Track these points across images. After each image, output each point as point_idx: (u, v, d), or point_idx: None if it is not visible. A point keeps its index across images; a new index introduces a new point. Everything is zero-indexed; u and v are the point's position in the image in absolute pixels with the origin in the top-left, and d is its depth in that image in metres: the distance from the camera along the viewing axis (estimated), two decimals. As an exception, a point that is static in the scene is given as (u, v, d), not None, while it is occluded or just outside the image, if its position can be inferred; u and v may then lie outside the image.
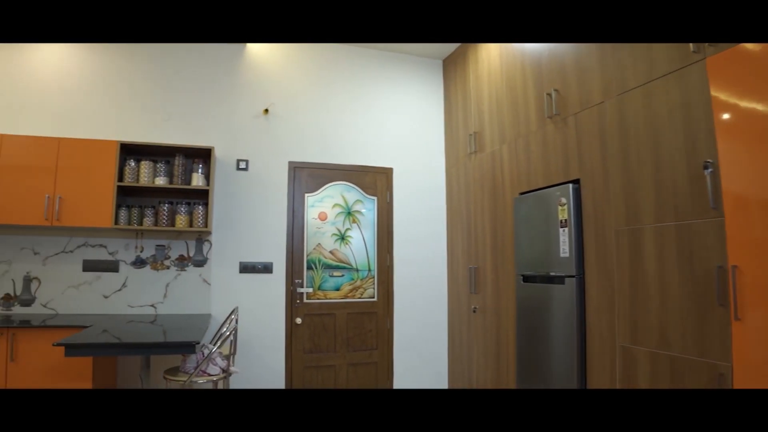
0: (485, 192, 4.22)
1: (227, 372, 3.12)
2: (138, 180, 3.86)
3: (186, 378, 2.94)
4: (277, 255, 4.41)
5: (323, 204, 4.63)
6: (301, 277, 4.47)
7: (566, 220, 3.08)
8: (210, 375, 3.02)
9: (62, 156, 3.63)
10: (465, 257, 4.55)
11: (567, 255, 3.07)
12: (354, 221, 4.71)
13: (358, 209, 4.73)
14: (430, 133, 5.06)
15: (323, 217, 4.61)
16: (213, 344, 3.06)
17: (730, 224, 2.08)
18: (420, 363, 4.75)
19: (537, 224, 3.39)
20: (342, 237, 4.65)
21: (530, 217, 3.49)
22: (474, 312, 4.32)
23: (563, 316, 3.09)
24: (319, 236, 4.58)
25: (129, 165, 3.86)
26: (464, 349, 4.52)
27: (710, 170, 2.16)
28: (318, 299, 4.51)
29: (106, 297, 3.95)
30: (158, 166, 3.93)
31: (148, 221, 3.89)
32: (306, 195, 4.58)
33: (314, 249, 4.55)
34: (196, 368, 2.95)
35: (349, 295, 4.61)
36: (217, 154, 4.30)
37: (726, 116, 2.12)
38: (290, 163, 4.55)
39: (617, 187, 2.75)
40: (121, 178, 3.81)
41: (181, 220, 3.94)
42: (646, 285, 2.53)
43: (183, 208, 3.97)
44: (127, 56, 4.21)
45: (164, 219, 3.93)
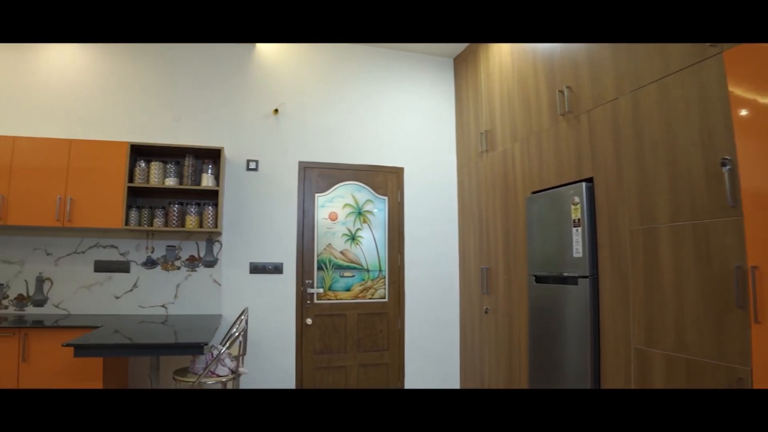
0: (497, 191, 4.16)
1: (236, 373, 3.11)
2: (148, 181, 3.88)
3: (195, 379, 2.94)
4: (288, 255, 4.40)
5: (334, 204, 4.61)
6: (312, 278, 4.46)
7: (579, 220, 3.02)
8: (219, 376, 3.01)
9: (73, 157, 3.67)
10: (477, 257, 4.50)
11: (580, 255, 3.01)
12: (365, 221, 4.68)
13: (369, 209, 4.70)
14: (441, 132, 5.01)
15: (334, 218, 4.59)
16: (222, 345, 3.05)
17: (750, 223, 2.01)
18: (431, 364, 4.71)
19: (549, 224, 3.33)
20: (353, 237, 4.63)
21: (543, 217, 3.43)
22: (486, 313, 4.27)
23: (576, 318, 3.03)
24: (330, 236, 4.56)
25: (139, 166, 3.88)
26: (476, 351, 4.47)
27: (728, 167, 2.09)
28: (328, 300, 4.49)
29: (118, 297, 3.98)
30: (168, 167, 3.95)
31: (159, 222, 3.90)
32: (316, 195, 4.57)
33: (325, 249, 4.53)
34: (205, 369, 2.95)
35: (360, 296, 4.59)
36: (227, 155, 4.31)
37: (744, 112, 2.05)
38: (300, 163, 4.54)
39: (632, 186, 2.68)
40: (132, 179, 3.83)
41: (191, 221, 3.95)
42: (662, 286, 2.46)
43: (193, 209, 3.98)
44: (138, 58, 4.24)
45: (174, 220, 3.94)
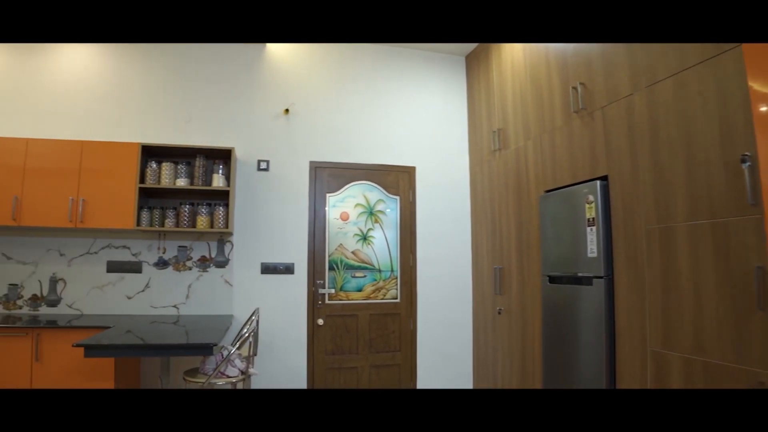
0: (510, 190, 4.10)
1: (246, 374, 3.10)
2: (159, 181, 3.89)
3: (204, 379, 2.93)
4: (299, 256, 4.39)
5: (345, 204, 4.59)
6: (323, 278, 4.44)
7: (594, 219, 2.96)
8: (229, 377, 3.01)
9: (85, 159, 3.70)
10: (490, 257, 4.44)
11: (595, 255, 2.95)
12: (376, 221, 4.65)
13: (381, 209, 4.67)
14: (453, 131, 4.96)
15: (345, 218, 4.57)
16: (232, 346, 3.04)
17: (771, 222, 1.94)
18: (444, 365, 4.66)
19: (563, 223, 3.27)
20: (364, 237, 4.60)
21: (556, 216, 3.37)
22: (499, 313, 4.21)
23: (591, 319, 2.96)
24: (341, 236, 4.54)
25: (150, 167, 3.90)
26: (489, 352, 4.41)
27: (748, 164, 2.02)
28: (340, 300, 4.47)
29: (130, 298, 4.00)
30: (179, 168, 3.96)
31: (170, 222, 3.92)
32: (327, 195, 4.55)
33: (336, 249, 4.51)
34: (215, 370, 2.94)
35: (372, 296, 4.56)
36: (239, 155, 4.31)
37: (764, 107, 1.98)
38: (311, 163, 4.52)
39: (647, 183, 2.61)
40: (143, 180, 3.85)
41: (202, 221, 3.96)
42: (680, 287, 2.39)
43: (204, 209, 3.99)
44: (149, 59, 4.27)
45: (185, 220, 3.95)
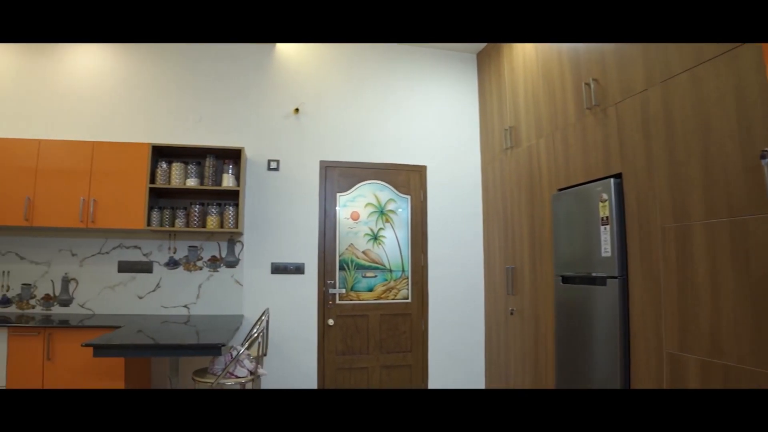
0: (522, 189, 4.04)
1: (255, 374, 3.09)
2: (169, 181, 3.90)
3: (213, 380, 2.92)
4: (309, 256, 4.37)
5: (355, 203, 4.56)
6: (334, 278, 4.42)
7: (608, 218, 2.89)
8: (237, 377, 3.00)
9: (96, 159, 3.72)
10: (502, 257, 4.38)
11: (609, 254, 2.88)
12: (387, 221, 4.62)
13: (391, 208, 4.64)
14: (465, 129, 4.90)
15: (356, 217, 4.54)
16: (242, 346, 3.03)
17: (792, 220, 1.86)
18: (455, 366, 4.61)
19: (576, 222, 3.20)
20: (375, 237, 4.57)
21: (569, 215, 3.30)
22: (511, 314, 4.15)
23: (605, 320, 2.89)
24: (352, 236, 4.51)
25: (161, 167, 3.91)
26: (501, 353, 4.35)
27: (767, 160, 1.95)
28: (351, 300, 4.44)
29: (141, 298, 4.02)
30: (189, 168, 3.97)
31: (180, 222, 3.93)
32: (338, 194, 4.52)
33: (347, 249, 4.49)
34: (224, 370, 2.93)
35: (383, 297, 4.52)
36: (249, 155, 4.31)
37: (786, 100, 1.90)
38: (321, 163, 4.50)
39: (663, 181, 2.54)
40: (153, 180, 3.86)
41: (212, 221, 3.96)
42: (696, 287, 2.32)
43: (214, 209, 4.00)
44: (159, 60, 4.29)
45: (195, 220, 3.96)
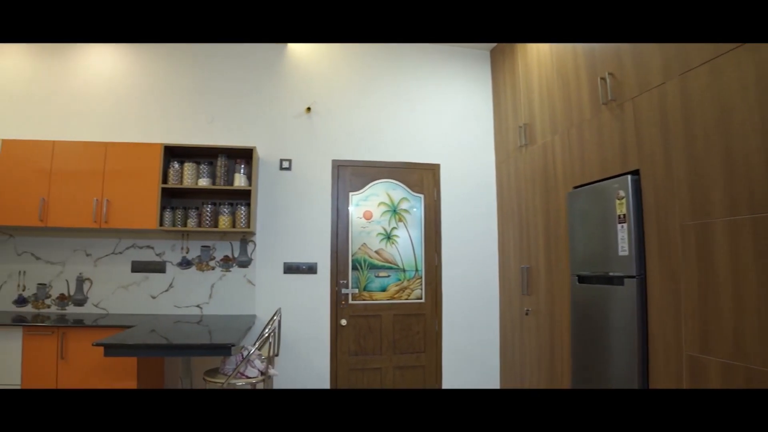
0: (537, 186, 3.96)
1: (266, 374, 3.07)
2: (182, 181, 3.92)
3: (224, 380, 2.91)
4: (322, 255, 4.35)
5: (368, 203, 4.53)
6: (346, 278, 4.39)
7: (625, 215, 2.81)
8: (248, 377, 2.98)
9: (109, 160, 3.76)
10: (517, 256, 4.31)
11: (626, 253, 2.80)
12: (400, 220, 4.57)
13: (405, 207, 4.59)
14: (478, 127, 4.83)
15: (368, 216, 4.51)
16: (253, 346, 3.01)
17: (819, 216, 1.78)
18: (469, 367, 4.55)
19: (593, 220, 3.12)
20: (388, 236, 4.53)
21: (585, 213, 3.22)
22: (527, 314, 4.08)
23: (623, 321, 2.81)
24: (365, 236, 4.48)
25: (173, 167, 3.93)
26: (516, 354, 4.28)
27: (793, 154, 1.86)
28: (363, 300, 4.41)
29: (154, 297, 4.05)
30: (201, 168, 3.98)
31: (192, 222, 3.94)
32: (350, 194, 4.50)
33: (359, 249, 4.46)
34: (234, 370, 2.92)
35: (396, 297, 4.48)
36: (261, 155, 4.30)
37: (812, 90, 1.82)
38: (334, 162, 4.48)
39: (682, 177, 2.45)
40: (166, 180, 3.88)
41: (224, 221, 3.96)
42: (718, 287, 2.23)
43: (226, 209, 4.00)
44: (171, 60, 4.31)
45: (207, 220, 3.97)
